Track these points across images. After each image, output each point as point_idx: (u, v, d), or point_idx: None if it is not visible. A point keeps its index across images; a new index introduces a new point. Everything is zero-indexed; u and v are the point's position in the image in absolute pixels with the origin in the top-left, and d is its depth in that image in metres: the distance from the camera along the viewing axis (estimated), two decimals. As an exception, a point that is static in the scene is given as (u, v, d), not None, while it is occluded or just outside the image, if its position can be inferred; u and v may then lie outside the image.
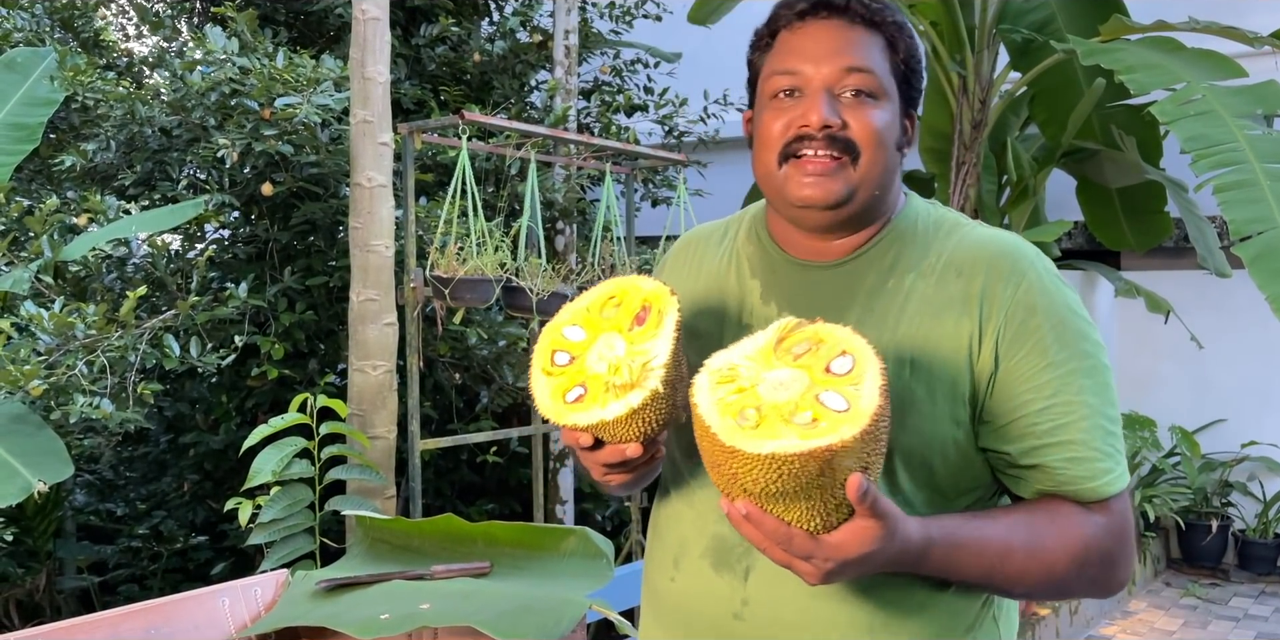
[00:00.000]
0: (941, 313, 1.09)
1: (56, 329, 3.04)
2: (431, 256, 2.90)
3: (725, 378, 0.96)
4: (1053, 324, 1.09)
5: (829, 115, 1.07)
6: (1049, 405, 1.06)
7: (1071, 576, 1.06)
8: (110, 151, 3.85)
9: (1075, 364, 1.08)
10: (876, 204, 1.14)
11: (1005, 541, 1.04)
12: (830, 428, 0.89)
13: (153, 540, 5.03)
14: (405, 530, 2.31)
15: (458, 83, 4.84)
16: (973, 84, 5.34)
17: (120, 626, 1.85)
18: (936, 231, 1.17)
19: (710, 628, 1.14)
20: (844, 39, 1.11)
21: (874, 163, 1.10)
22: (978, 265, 1.11)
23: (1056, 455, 1.06)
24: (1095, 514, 1.07)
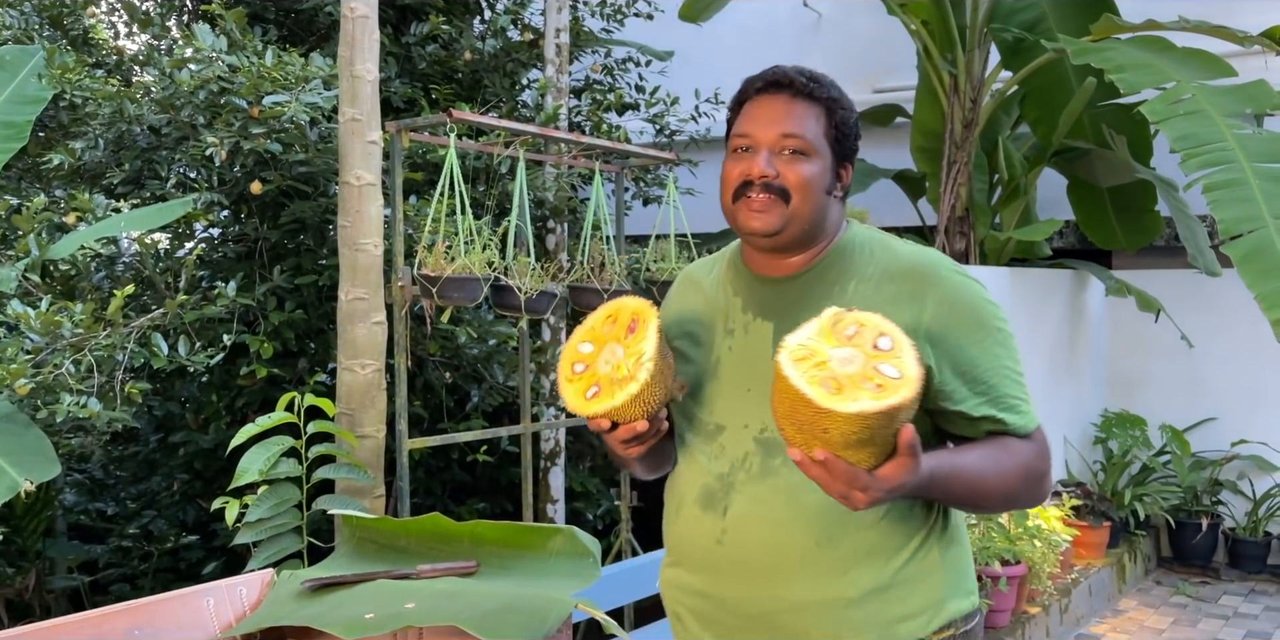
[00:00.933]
0: (881, 309, 1.33)
1: (44, 328, 3.03)
2: (420, 255, 2.89)
3: (802, 355, 1.22)
4: (970, 312, 1.44)
5: (766, 168, 1.44)
6: (981, 372, 1.43)
7: (1021, 489, 1.44)
8: (99, 150, 3.84)
9: (990, 338, 1.44)
10: (813, 232, 1.49)
11: (980, 468, 1.39)
12: (894, 391, 1.18)
13: (143, 540, 5.02)
14: (392, 529, 2.31)
15: (448, 81, 4.84)
16: (964, 83, 5.35)
17: (104, 626, 1.84)
18: (872, 249, 1.52)
19: (701, 553, 1.51)
20: (786, 111, 1.47)
21: (802, 203, 1.45)
22: (906, 273, 1.47)
23: (993, 409, 1.43)
24: (1028, 443, 1.45)
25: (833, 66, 7.75)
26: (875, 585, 1.42)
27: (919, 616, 1.44)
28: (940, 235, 5.37)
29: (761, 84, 1.50)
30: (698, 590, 1.53)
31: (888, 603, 1.42)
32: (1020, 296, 5.01)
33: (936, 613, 1.45)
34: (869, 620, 1.42)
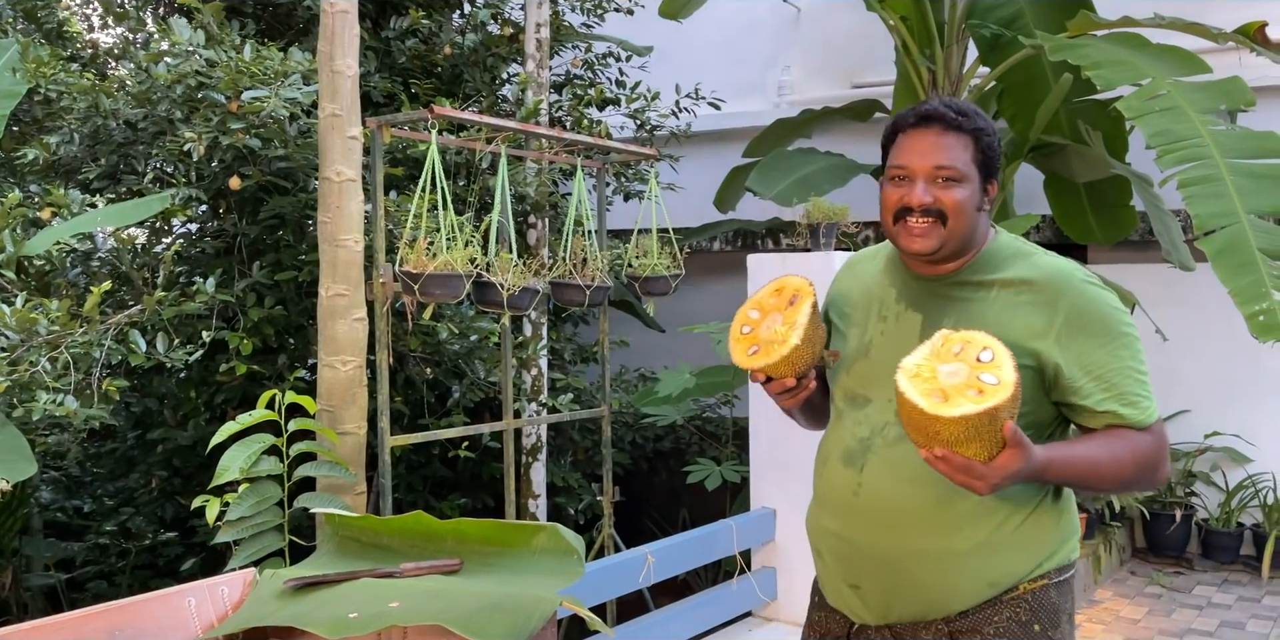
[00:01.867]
0: (1016, 312, 1.64)
1: (19, 325, 3.00)
2: (401, 251, 2.88)
3: (916, 374, 1.47)
4: (1098, 318, 1.64)
5: (924, 197, 1.65)
6: (1107, 371, 1.62)
7: (1134, 475, 1.63)
8: (74, 144, 3.80)
9: (1116, 342, 1.63)
10: (964, 246, 1.69)
11: (1095, 456, 1.59)
12: (991, 395, 1.40)
13: (121, 537, 4.98)
14: (374, 528, 2.30)
15: (428, 76, 4.81)
16: (942, 78, 5.38)
17: (84, 628, 1.83)
18: (1014, 257, 1.71)
19: (840, 502, 1.76)
20: (937, 143, 1.66)
21: (957, 222, 1.65)
22: (1044, 281, 1.67)
23: (1116, 404, 1.62)
24: (1145, 435, 1.63)
25: (811, 61, 7.79)
26: (983, 541, 1.65)
27: (1016, 566, 1.67)
28: (919, 230, 5.39)
29: (915, 119, 1.68)
30: (836, 533, 1.78)
31: (994, 557, 1.65)
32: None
33: (1031, 563, 1.68)
34: (977, 570, 1.66)
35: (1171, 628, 4.52)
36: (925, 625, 1.69)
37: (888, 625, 1.73)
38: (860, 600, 1.75)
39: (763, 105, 7.13)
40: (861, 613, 1.76)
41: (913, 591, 1.68)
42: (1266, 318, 3.50)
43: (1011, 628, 1.65)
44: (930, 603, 1.68)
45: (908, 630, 1.71)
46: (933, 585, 1.67)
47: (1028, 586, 1.66)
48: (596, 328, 6.12)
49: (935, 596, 1.67)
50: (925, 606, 1.68)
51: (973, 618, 1.66)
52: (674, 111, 5.22)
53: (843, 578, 1.77)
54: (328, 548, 2.31)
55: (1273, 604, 4.88)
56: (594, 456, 5.52)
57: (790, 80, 7.20)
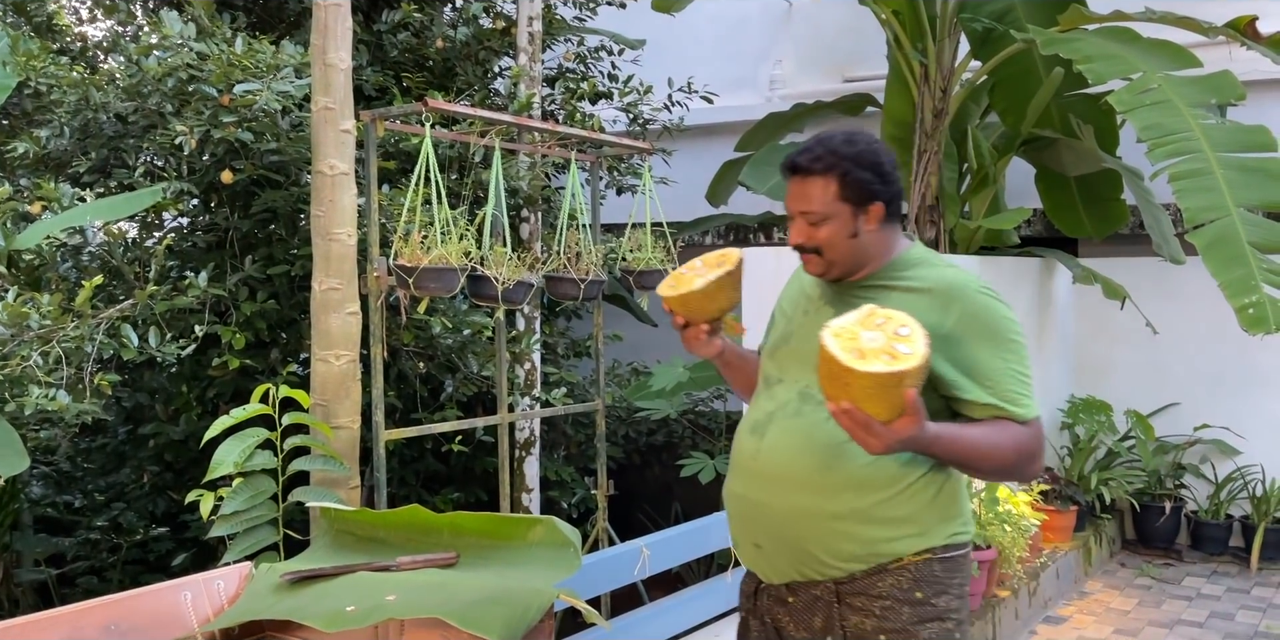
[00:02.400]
0: (915, 313, 1.71)
1: (10, 319, 2.99)
2: (396, 245, 2.88)
3: (839, 333, 1.62)
4: (986, 324, 1.82)
5: (796, 238, 1.89)
6: (991, 371, 1.79)
7: (1012, 462, 1.79)
8: (64, 138, 3.78)
9: (1002, 347, 1.81)
10: (856, 264, 1.89)
11: (977, 439, 1.76)
12: (903, 361, 1.57)
13: (112, 532, 4.96)
14: (370, 521, 2.31)
15: (420, 69, 4.80)
16: (934, 73, 5.38)
17: (80, 622, 1.83)
18: (918, 266, 1.90)
19: (743, 466, 1.95)
20: (798, 191, 1.87)
21: (832, 254, 1.87)
22: (939, 288, 1.84)
23: (996, 399, 1.78)
24: (1025, 428, 1.79)
25: (803, 55, 7.77)
26: (858, 508, 1.81)
27: (899, 541, 1.82)
28: (911, 224, 5.41)
29: (782, 169, 1.89)
30: (740, 494, 1.96)
31: (868, 525, 1.82)
32: (990, 284, 5.05)
33: (917, 541, 1.83)
34: (848, 534, 1.82)
35: (1161, 618, 4.55)
36: (815, 584, 1.86)
37: (785, 583, 1.91)
38: (764, 559, 1.93)
39: (754, 99, 7.13)
40: (766, 571, 1.94)
41: (797, 549, 1.86)
42: (1256, 311, 3.52)
43: (894, 593, 1.82)
44: (812, 561, 1.85)
45: (801, 587, 1.88)
46: (810, 542, 1.85)
47: (911, 559, 1.83)
48: (589, 322, 6.11)
49: (814, 554, 1.85)
50: (809, 564, 1.86)
51: (859, 582, 1.83)
52: (666, 105, 5.21)
53: (748, 537, 1.96)
54: (323, 541, 2.31)
55: (1261, 595, 4.91)
56: (587, 450, 5.53)
57: (782, 74, 7.20)
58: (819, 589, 1.85)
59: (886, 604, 1.81)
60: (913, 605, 1.81)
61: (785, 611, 1.90)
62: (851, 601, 1.83)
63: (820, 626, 1.85)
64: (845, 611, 1.83)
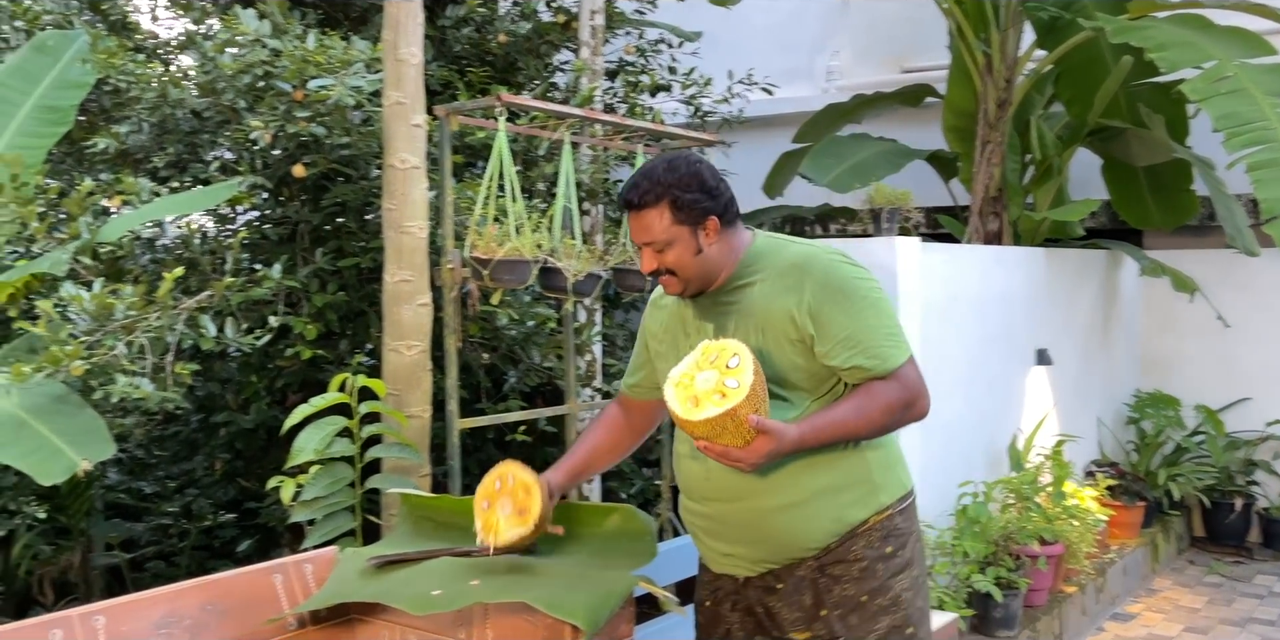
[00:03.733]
0: (776, 298, 1.93)
1: (97, 310, 3.07)
2: (470, 237, 2.91)
3: (679, 382, 1.82)
4: (839, 288, 1.93)
5: (648, 265, 2.00)
6: (849, 334, 1.90)
7: (889, 421, 1.93)
8: (142, 134, 3.86)
9: (859, 306, 1.92)
10: (710, 275, 2.00)
11: (844, 417, 1.90)
12: (731, 398, 1.75)
13: (182, 518, 5.08)
14: (449, 507, 2.34)
15: (483, 63, 4.84)
16: (998, 62, 5.31)
17: (178, 601, 1.89)
18: (767, 255, 2.01)
19: (698, 488, 2.06)
20: (636, 224, 1.98)
21: (684, 271, 1.98)
22: (791, 267, 1.96)
23: (861, 359, 1.90)
24: (891, 382, 1.92)
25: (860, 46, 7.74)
26: (816, 489, 1.95)
27: (859, 504, 1.98)
28: (974, 216, 5.35)
29: (621, 204, 2.01)
30: (701, 513, 2.07)
31: (828, 500, 1.96)
32: (1054, 276, 4.99)
33: (872, 499, 1.99)
34: (819, 513, 1.96)
35: (1232, 616, 4.47)
36: (797, 564, 1.99)
37: (768, 572, 2.02)
38: (738, 561, 2.05)
39: (811, 91, 7.09)
40: (742, 571, 2.05)
41: (776, 542, 1.98)
42: (1337, 303, 3.44)
43: (868, 553, 1.97)
44: (794, 546, 1.98)
45: (784, 572, 2.00)
46: (790, 533, 1.97)
47: (876, 518, 1.98)
48: (646, 314, 6.12)
49: (795, 540, 1.97)
50: (791, 550, 1.98)
51: (836, 551, 1.97)
52: (725, 97, 5.20)
53: (717, 550, 2.08)
54: (404, 527, 2.35)
55: (1335, 594, 4.81)
56: (647, 441, 5.54)
57: (839, 65, 7.15)
58: (802, 568, 1.98)
59: (863, 564, 1.96)
60: (885, 560, 1.98)
61: (775, 598, 2.01)
62: (832, 571, 1.97)
63: (811, 603, 1.98)
64: (829, 583, 1.97)
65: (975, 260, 4.44)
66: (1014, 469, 4.36)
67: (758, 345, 1.94)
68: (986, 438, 4.41)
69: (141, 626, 1.80)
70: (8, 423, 2.91)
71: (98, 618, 1.76)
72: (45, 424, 2.96)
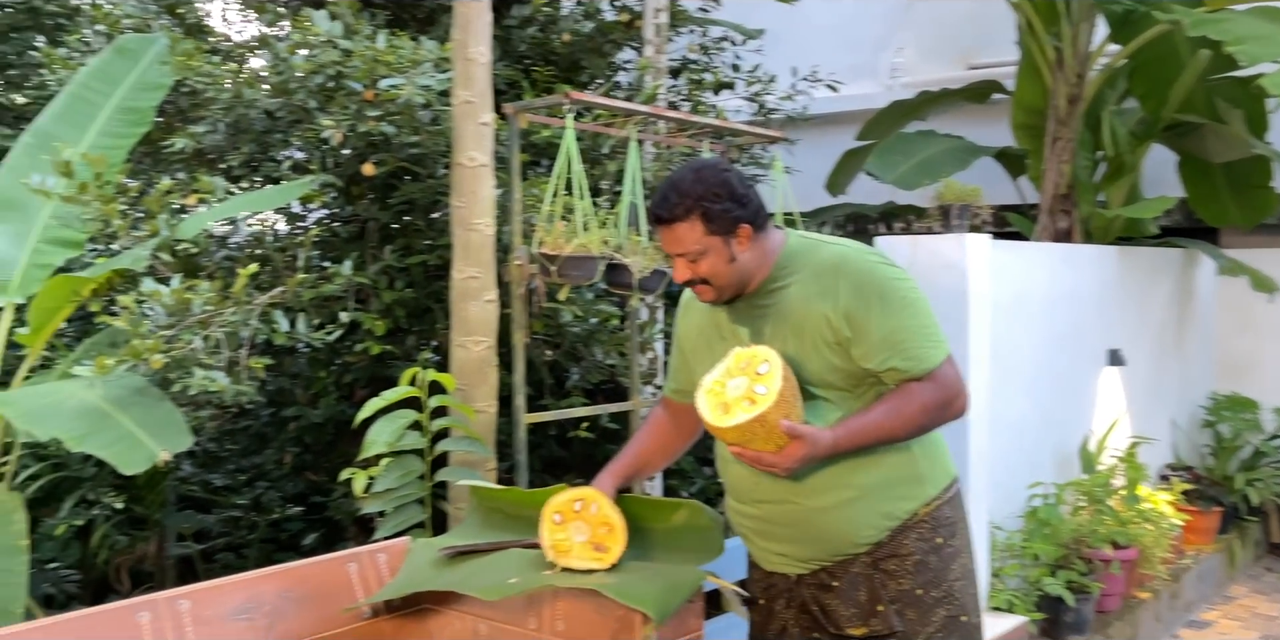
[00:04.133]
0: (811, 301, 1.94)
1: (175, 305, 3.15)
2: (538, 234, 2.94)
3: (710, 390, 1.86)
4: (874, 289, 1.92)
5: (683, 275, 2.00)
6: (885, 335, 1.90)
7: (924, 420, 1.94)
8: (218, 134, 3.95)
9: (895, 307, 1.91)
10: (745, 281, 2.00)
11: (880, 419, 1.91)
12: (760, 404, 1.78)
13: (251, 511, 5.19)
14: (518, 500, 2.36)
15: (547, 63, 4.87)
16: (1069, 57, 5.21)
17: (258, 588, 1.93)
18: (801, 256, 2.01)
19: (746, 494, 2.07)
20: (668, 236, 1.98)
21: (719, 281, 1.98)
22: (825, 269, 1.96)
23: (898, 361, 1.90)
24: (927, 382, 1.92)
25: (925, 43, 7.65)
26: (865, 485, 1.96)
27: (907, 497, 1.99)
28: (1043, 213, 5.25)
29: (651, 219, 2.00)
30: (750, 514, 2.08)
31: (882, 493, 1.97)
32: (1128, 275, 4.89)
33: (920, 491, 2.00)
34: (869, 510, 1.97)
35: (1313, 627, 4.34)
36: (851, 560, 1.99)
37: (821, 569, 2.03)
38: (791, 560, 2.06)
39: (874, 88, 7.02)
40: (794, 569, 2.06)
41: (828, 540, 2.00)
42: None
43: (920, 546, 1.99)
44: (846, 543, 1.99)
45: (839, 568, 2.01)
46: (841, 530, 1.98)
47: (925, 510, 1.99)
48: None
49: (847, 538, 1.98)
50: (843, 547, 1.99)
51: (888, 546, 1.98)
52: (789, 94, 5.17)
53: (768, 549, 2.09)
54: (474, 519, 2.38)
55: None
56: (706, 440, 5.54)
57: (903, 62, 7.07)
58: (856, 565, 1.99)
59: (917, 559, 1.97)
60: (937, 552, 1.99)
61: (830, 595, 2.01)
62: (886, 566, 1.98)
63: (867, 599, 1.98)
64: (884, 578, 1.97)
65: (1045, 258, 4.36)
66: (1085, 471, 4.27)
67: (794, 348, 1.95)
68: (1055, 438, 4.32)
69: (223, 612, 1.85)
70: (92, 414, 3.00)
71: (182, 602, 1.80)
72: (126, 415, 3.05)
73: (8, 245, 3.69)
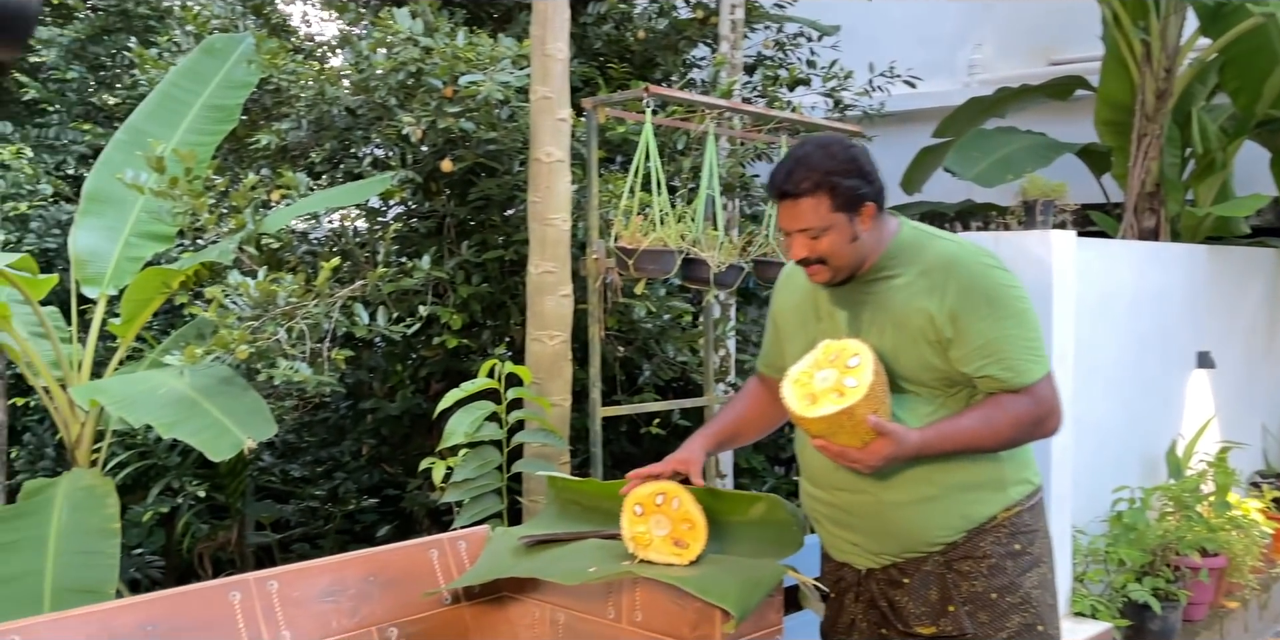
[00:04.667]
0: (916, 297, 1.90)
1: (261, 297, 3.23)
2: (615, 227, 2.95)
3: (797, 380, 1.84)
4: (983, 294, 1.87)
5: (800, 252, 1.94)
6: (987, 342, 1.86)
7: (1014, 434, 1.90)
8: (301, 131, 4.04)
9: (1002, 315, 1.87)
10: (857, 264, 1.95)
11: (970, 426, 1.87)
12: (849, 397, 1.75)
13: (327, 502, 5.29)
14: (596, 491, 2.36)
15: (622, 60, 4.89)
16: (1157, 52, 5.06)
17: (343, 571, 1.97)
18: (914, 249, 1.95)
19: (823, 477, 2.02)
20: (792, 212, 1.91)
21: (836, 260, 1.92)
22: (936, 267, 1.91)
23: (995, 369, 1.86)
24: (1023, 396, 1.88)
25: (1004, 38, 7.50)
26: (949, 485, 1.92)
27: (988, 501, 1.94)
28: (1128, 212, 5.11)
29: (773, 195, 1.94)
30: (826, 500, 2.04)
31: (960, 496, 1.92)
32: (1217, 276, 4.73)
33: (1002, 496, 1.95)
34: (948, 510, 1.93)
35: None
36: (923, 559, 1.95)
37: (891, 564, 1.98)
38: (862, 552, 2.01)
39: (950, 85, 6.90)
40: (865, 561, 2.02)
41: (902, 536, 1.95)
42: None
43: (996, 550, 1.94)
44: (920, 542, 1.95)
45: (910, 565, 1.96)
46: (918, 528, 1.94)
47: (1004, 515, 1.94)
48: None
49: (921, 536, 1.94)
50: (917, 545, 1.95)
51: (963, 547, 1.93)
52: (867, 90, 5.12)
53: (841, 537, 2.05)
54: (551, 509, 2.39)
55: None
56: (777, 439, 5.51)
57: (981, 58, 6.95)
58: (928, 563, 1.95)
59: (992, 562, 1.92)
60: (1014, 558, 1.94)
61: (900, 592, 1.97)
62: (960, 567, 1.93)
63: (937, 598, 1.94)
64: (956, 578, 1.93)
65: (1132, 257, 4.25)
66: (1172, 476, 4.15)
67: (891, 341, 1.91)
68: (1141, 442, 4.21)
69: (310, 593, 1.88)
70: (181, 402, 3.09)
71: (271, 582, 1.84)
72: (213, 404, 3.13)
73: (102, 239, 3.83)
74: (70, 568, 2.92)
